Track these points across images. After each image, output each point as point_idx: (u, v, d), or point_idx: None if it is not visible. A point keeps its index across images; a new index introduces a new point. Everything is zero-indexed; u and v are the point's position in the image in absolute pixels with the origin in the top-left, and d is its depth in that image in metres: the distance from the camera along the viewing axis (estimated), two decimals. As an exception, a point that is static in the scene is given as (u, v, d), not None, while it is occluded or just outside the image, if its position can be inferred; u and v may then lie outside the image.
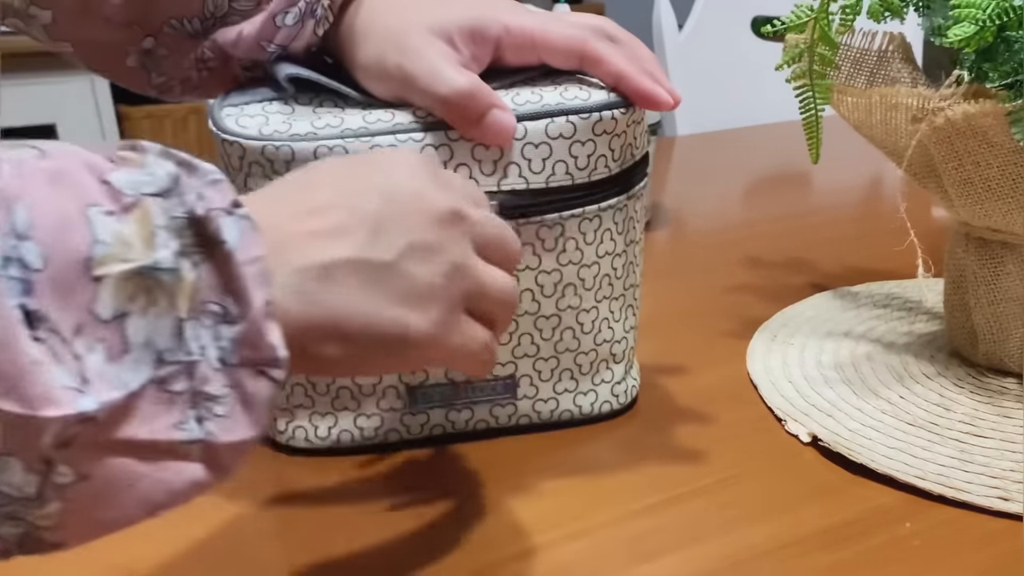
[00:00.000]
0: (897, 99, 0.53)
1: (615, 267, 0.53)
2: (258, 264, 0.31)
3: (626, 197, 0.52)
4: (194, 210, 0.31)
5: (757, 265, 0.80)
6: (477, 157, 0.48)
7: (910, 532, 0.45)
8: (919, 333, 0.65)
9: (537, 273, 0.51)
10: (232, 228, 0.31)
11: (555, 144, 0.49)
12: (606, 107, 0.49)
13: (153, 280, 0.29)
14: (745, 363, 0.62)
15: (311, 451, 0.53)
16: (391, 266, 0.36)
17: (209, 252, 0.31)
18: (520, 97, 0.49)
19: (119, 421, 0.29)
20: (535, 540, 0.46)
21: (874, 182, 1.08)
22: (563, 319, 0.53)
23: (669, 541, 0.45)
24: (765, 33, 0.55)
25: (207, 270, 0.31)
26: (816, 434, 0.53)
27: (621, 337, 0.55)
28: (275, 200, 0.36)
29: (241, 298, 0.31)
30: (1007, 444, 0.51)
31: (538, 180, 0.49)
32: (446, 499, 0.49)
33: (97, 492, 0.29)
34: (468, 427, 0.54)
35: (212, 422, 0.31)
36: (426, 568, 0.44)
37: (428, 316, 0.37)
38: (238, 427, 0.31)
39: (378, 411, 0.53)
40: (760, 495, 0.49)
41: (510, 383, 0.53)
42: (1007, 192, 0.52)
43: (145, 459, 0.30)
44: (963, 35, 0.46)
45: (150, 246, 0.29)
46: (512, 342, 0.53)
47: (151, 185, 0.30)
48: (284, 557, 0.45)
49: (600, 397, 0.56)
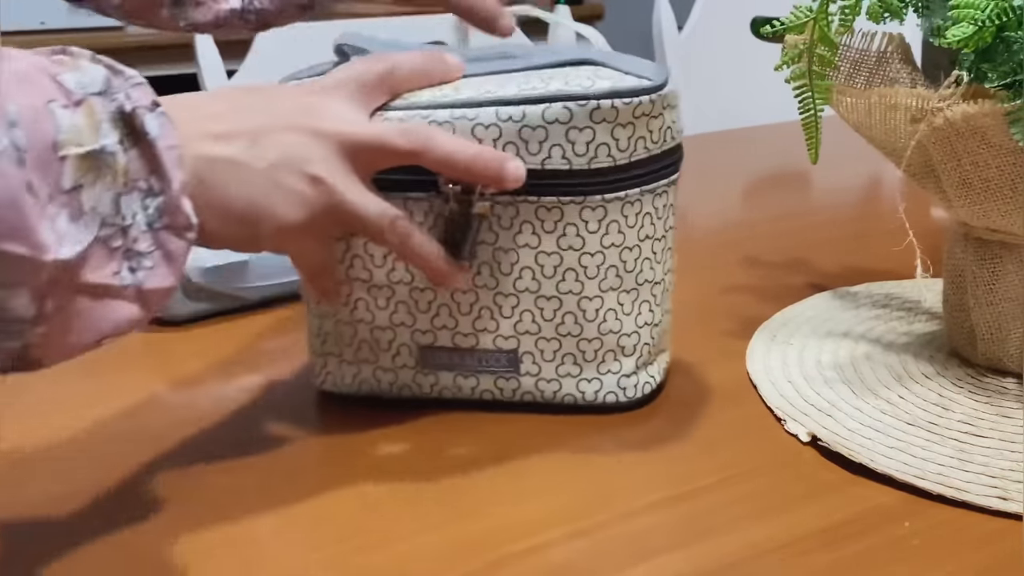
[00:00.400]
0: (896, 99, 0.53)
1: (624, 260, 0.54)
2: (175, 151, 0.40)
3: (639, 191, 0.53)
4: (123, 107, 0.39)
5: (757, 265, 0.80)
6: (477, 136, 0.51)
7: (909, 532, 0.46)
8: (918, 333, 0.65)
9: (537, 253, 0.53)
10: (154, 123, 0.40)
11: (551, 128, 0.51)
12: (607, 96, 0.51)
13: (100, 161, 0.38)
14: (745, 363, 0.62)
15: (338, 396, 0.58)
16: (262, 171, 0.46)
17: (136, 140, 0.40)
18: (527, 83, 0.52)
19: (79, 268, 0.38)
20: (535, 539, 0.46)
21: (873, 182, 1.08)
22: (564, 303, 0.54)
23: (669, 540, 0.46)
24: (765, 34, 0.55)
25: (135, 155, 0.40)
26: (815, 434, 0.53)
27: (632, 331, 0.55)
28: (183, 107, 0.44)
29: (163, 177, 0.40)
30: (1006, 444, 0.51)
31: (534, 161, 0.51)
32: (446, 498, 0.49)
33: (67, 321, 0.38)
34: (474, 395, 0.56)
35: (142, 272, 0.40)
36: (425, 568, 0.44)
37: (282, 216, 0.46)
38: (161, 277, 0.41)
39: (392, 366, 0.56)
40: (759, 494, 0.49)
41: (512, 357, 0.55)
42: (1006, 192, 0.52)
43: (96, 298, 0.39)
44: (962, 35, 0.47)
45: (96, 134, 0.38)
46: (514, 317, 0.54)
47: (92, 85, 0.39)
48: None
49: (605, 387, 0.56)
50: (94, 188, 0.38)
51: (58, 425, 0.58)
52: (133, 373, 0.64)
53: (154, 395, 0.62)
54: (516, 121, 0.51)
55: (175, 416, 0.59)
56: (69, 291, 0.38)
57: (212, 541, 0.46)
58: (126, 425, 0.57)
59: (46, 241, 0.36)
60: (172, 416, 0.59)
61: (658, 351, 0.58)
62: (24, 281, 0.36)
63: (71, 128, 0.37)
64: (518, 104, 0.51)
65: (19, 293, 0.36)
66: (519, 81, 0.52)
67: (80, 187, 0.37)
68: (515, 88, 0.51)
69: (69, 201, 0.37)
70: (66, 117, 0.37)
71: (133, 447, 0.55)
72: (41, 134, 0.36)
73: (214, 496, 0.50)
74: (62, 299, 0.38)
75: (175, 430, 0.57)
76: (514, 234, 0.53)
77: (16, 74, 0.36)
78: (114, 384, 0.63)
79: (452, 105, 0.51)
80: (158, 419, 0.58)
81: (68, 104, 0.37)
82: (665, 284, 0.57)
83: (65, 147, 0.37)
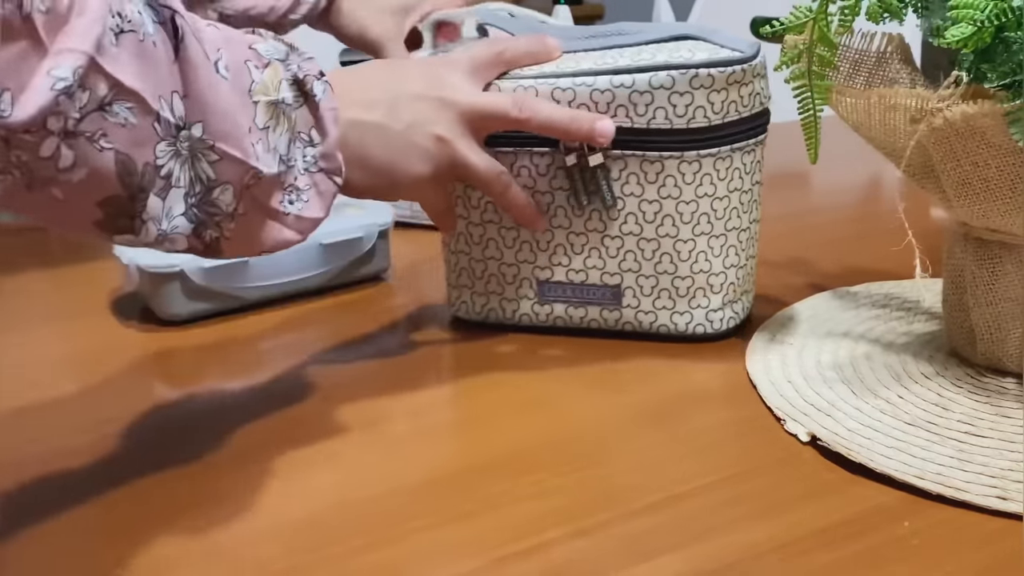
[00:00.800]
0: (896, 100, 0.53)
1: (714, 208, 0.63)
2: (333, 112, 0.51)
3: (729, 149, 0.61)
4: (297, 74, 0.50)
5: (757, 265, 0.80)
6: (594, 99, 0.61)
7: (909, 531, 0.46)
8: (918, 333, 0.65)
9: (640, 200, 0.63)
10: (319, 87, 0.51)
11: (656, 93, 0.60)
12: (704, 65, 0.60)
13: (279, 110, 0.49)
14: (744, 363, 0.62)
15: (469, 322, 0.69)
16: (399, 133, 0.57)
17: (305, 99, 0.51)
18: (639, 56, 0.61)
19: (264, 186, 0.49)
20: (535, 539, 0.46)
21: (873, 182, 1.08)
22: (661, 244, 0.63)
23: (668, 540, 0.46)
24: (764, 34, 0.55)
25: (304, 111, 0.51)
26: (815, 433, 0.53)
27: (719, 271, 0.64)
28: (339, 79, 0.54)
29: (323, 130, 0.51)
30: (1006, 444, 0.51)
31: (641, 121, 0.61)
32: (445, 498, 0.49)
33: (247, 226, 0.49)
34: (583, 324, 0.67)
35: (300, 203, 0.51)
36: (426, 568, 0.44)
37: (414, 169, 0.58)
38: (315, 209, 0.52)
39: (516, 297, 0.67)
40: (759, 494, 0.49)
41: (616, 291, 0.65)
42: (1005, 192, 0.52)
43: (267, 216, 0.50)
44: (961, 36, 0.47)
45: (278, 90, 0.49)
46: (618, 256, 0.64)
47: (276, 53, 0.50)
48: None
49: (695, 320, 0.65)
50: (276, 131, 0.49)
51: (59, 424, 0.58)
52: (133, 373, 0.64)
53: (154, 395, 0.62)
54: (627, 87, 0.60)
55: (175, 416, 0.59)
56: (255, 203, 0.49)
57: (212, 541, 0.46)
58: (126, 424, 0.57)
59: (251, 151, 0.47)
60: (172, 416, 0.59)
61: (743, 291, 0.66)
62: (233, 180, 0.47)
63: (260, 81, 0.48)
64: (629, 73, 0.60)
65: (227, 189, 0.47)
66: (631, 54, 0.61)
67: (268, 128, 0.48)
68: (628, 59, 0.61)
69: (262, 136, 0.48)
70: (257, 73, 0.48)
71: (133, 446, 0.55)
72: (241, 82, 0.47)
73: (214, 496, 0.50)
74: (248, 207, 0.49)
75: (175, 430, 0.57)
76: (622, 184, 0.63)
77: (223, 36, 0.47)
78: (114, 384, 0.63)
79: (575, 74, 0.61)
80: (158, 419, 0.58)
81: (259, 65, 0.49)
82: (751, 232, 0.65)
83: (257, 94, 0.48)
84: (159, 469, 0.52)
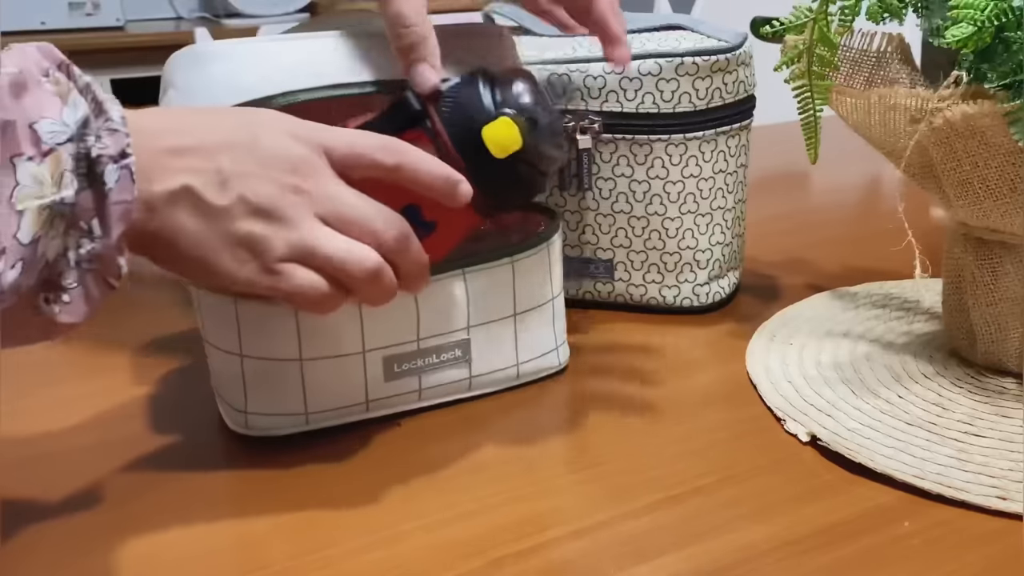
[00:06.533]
0: (896, 100, 0.53)
1: (700, 188, 0.67)
2: (123, 206, 0.40)
3: (714, 132, 0.66)
4: (91, 152, 0.40)
5: (757, 265, 0.80)
6: (587, 85, 0.66)
7: (909, 531, 0.46)
8: (917, 333, 0.65)
9: (630, 181, 0.67)
10: (112, 175, 0.40)
11: (645, 79, 0.65)
12: (689, 54, 0.64)
13: (58, 212, 0.39)
14: (744, 363, 0.62)
15: None
16: (222, 210, 0.43)
17: (92, 183, 0.40)
18: (632, 45, 0.62)
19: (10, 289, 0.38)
20: (535, 539, 0.46)
21: (873, 182, 1.08)
22: (650, 222, 0.68)
23: (668, 540, 0.46)
24: (764, 34, 0.55)
25: (87, 196, 0.40)
26: (815, 433, 0.53)
27: (705, 248, 0.69)
28: (154, 133, 0.43)
29: (105, 226, 0.40)
30: (1006, 444, 0.51)
31: (630, 106, 0.65)
32: (445, 497, 0.49)
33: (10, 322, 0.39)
34: (579, 295, 0.71)
35: (57, 306, 0.40)
36: (426, 568, 0.44)
37: (241, 264, 0.44)
38: (74, 313, 0.41)
39: None
40: (759, 494, 0.49)
41: (609, 265, 0.70)
42: (1005, 193, 0.52)
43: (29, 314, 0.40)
44: (961, 36, 0.47)
45: (58, 185, 0.39)
46: (611, 233, 0.69)
47: (65, 131, 0.39)
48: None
49: (682, 293, 0.70)
50: (48, 237, 0.39)
51: (55, 426, 0.58)
52: (133, 372, 0.64)
53: (153, 395, 0.62)
54: (618, 74, 0.65)
55: (174, 415, 0.59)
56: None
57: (212, 541, 0.46)
58: (125, 425, 0.57)
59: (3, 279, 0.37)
60: (171, 415, 0.59)
61: (728, 268, 0.70)
62: None
63: (31, 181, 0.38)
64: (632, 60, 0.62)
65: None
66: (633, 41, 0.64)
67: (36, 240, 0.38)
68: (640, 45, 0.64)
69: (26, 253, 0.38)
70: (27, 169, 0.38)
71: (131, 448, 0.55)
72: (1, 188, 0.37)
73: (213, 496, 0.50)
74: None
75: (175, 430, 0.57)
76: (612, 166, 0.67)
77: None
78: (114, 383, 0.63)
79: (569, 61, 0.66)
80: (157, 419, 0.58)
81: (35, 155, 0.38)
82: (736, 212, 0.70)
83: (23, 201, 0.37)
84: (158, 469, 0.52)
